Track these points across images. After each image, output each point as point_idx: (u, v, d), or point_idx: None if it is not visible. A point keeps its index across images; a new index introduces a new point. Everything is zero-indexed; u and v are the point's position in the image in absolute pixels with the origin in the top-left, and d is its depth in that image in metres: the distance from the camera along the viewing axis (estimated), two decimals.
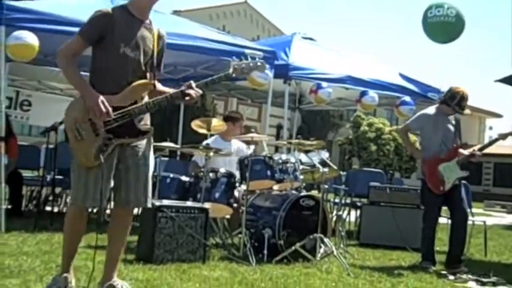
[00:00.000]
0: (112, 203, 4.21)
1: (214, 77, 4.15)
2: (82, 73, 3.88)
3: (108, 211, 8.23)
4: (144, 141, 4.01)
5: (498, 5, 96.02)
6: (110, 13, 3.86)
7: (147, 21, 4.03)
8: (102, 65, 3.88)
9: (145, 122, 4.01)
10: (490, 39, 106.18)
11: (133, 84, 3.88)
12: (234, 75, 4.21)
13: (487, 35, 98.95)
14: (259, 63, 4.24)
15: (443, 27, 7.51)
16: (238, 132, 7.53)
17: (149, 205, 4.08)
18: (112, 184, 4.02)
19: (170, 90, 4.05)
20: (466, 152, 6.56)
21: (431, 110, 6.70)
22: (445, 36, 7.67)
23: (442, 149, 6.53)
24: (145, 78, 3.98)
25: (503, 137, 6.72)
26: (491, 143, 6.94)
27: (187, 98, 3.98)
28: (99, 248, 4.21)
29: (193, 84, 3.97)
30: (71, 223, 3.97)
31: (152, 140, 4.12)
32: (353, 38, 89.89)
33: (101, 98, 3.73)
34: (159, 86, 4.09)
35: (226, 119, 7.57)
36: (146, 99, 3.96)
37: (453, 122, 6.69)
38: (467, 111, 6.63)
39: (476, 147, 6.69)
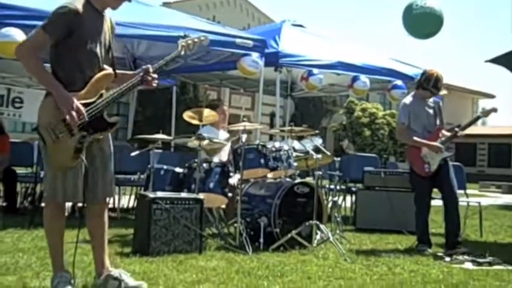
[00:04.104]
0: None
1: (167, 59, 4.18)
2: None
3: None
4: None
5: None
6: (77, 10, 3.80)
7: (104, 13, 4.06)
8: (70, 62, 3.84)
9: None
10: (482, 21, 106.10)
11: (96, 77, 3.90)
12: (182, 53, 4.24)
13: (477, 17, 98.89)
14: (202, 38, 4.33)
15: (429, 18, 7.39)
16: (223, 117, 7.54)
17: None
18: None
19: (129, 73, 4.12)
20: (447, 133, 6.62)
21: (408, 99, 6.75)
22: (430, 28, 7.55)
23: (424, 134, 6.59)
24: (104, 69, 4.02)
25: (485, 114, 6.79)
26: (473, 121, 6.97)
27: (146, 84, 4.03)
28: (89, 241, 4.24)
29: (151, 69, 4.00)
30: (53, 218, 3.96)
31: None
32: (345, 23, 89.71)
33: (74, 100, 3.71)
34: (119, 72, 4.12)
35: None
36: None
37: (432, 105, 6.74)
38: (443, 91, 6.68)
39: (458, 128, 6.72)
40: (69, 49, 3.83)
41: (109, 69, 4.05)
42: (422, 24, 7.25)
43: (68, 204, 7.89)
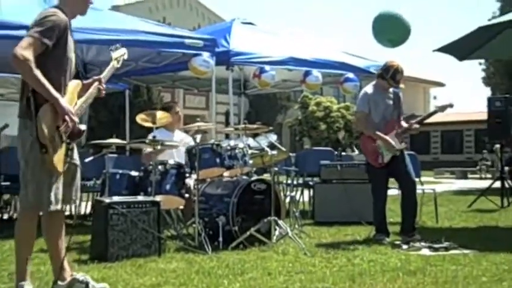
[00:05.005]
0: None
1: (107, 74, 4.34)
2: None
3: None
4: None
5: None
6: (67, 21, 3.97)
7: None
8: (55, 70, 3.92)
9: None
10: (430, 10, 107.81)
11: (73, 86, 4.04)
12: (118, 65, 4.51)
13: (427, 5, 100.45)
14: (124, 52, 4.61)
15: (403, 27, 7.37)
16: (177, 119, 7.52)
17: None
18: None
19: (89, 82, 4.24)
20: (405, 124, 6.71)
21: (369, 88, 6.80)
22: (400, 36, 7.50)
23: (381, 124, 6.67)
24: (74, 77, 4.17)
25: (441, 109, 6.89)
26: (429, 115, 7.12)
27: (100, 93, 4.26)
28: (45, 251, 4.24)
29: (103, 80, 4.22)
30: (30, 228, 3.98)
31: None
32: (297, 20, 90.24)
33: (71, 108, 3.88)
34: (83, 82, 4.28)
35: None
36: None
37: (391, 96, 6.81)
38: (401, 85, 6.78)
39: (415, 120, 6.84)
40: (55, 57, 3.92)
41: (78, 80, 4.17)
42: (396, 29, 7.25)
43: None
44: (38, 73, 3.74)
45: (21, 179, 3.94)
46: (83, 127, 4.06)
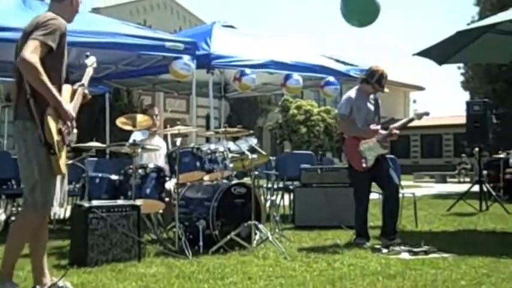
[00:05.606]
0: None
1: (86, 80, 4.39)
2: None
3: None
4: None
5: None
6: (66, 25, 4.06)
7: None
8: (55, 72, 3.99)
9: None
10: (410, 14, 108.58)
11: (65, 91, 4.11)
12: (92, 72, 4.54)
13: (406, 10, 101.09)
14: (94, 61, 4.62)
15: (374, 8, 7.32)
16: (155, 122, 7.50)
17: None
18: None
19: (74, 88, 4.29)
20: (384, 131, 6.73)
21: (352, 92, 6.80)
22: (369, 15, 7.45)
23: (364, 128, 6.66)
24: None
25: (418, 117, 6.92)
26: (407, 122, 7.14)
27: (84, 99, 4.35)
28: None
29: (86, 84, 4.31)
30: (32, 228, 4.05)
31: None
32: (276, 23, 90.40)
33: (72, 111, 4.01)
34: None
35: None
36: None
37: (373, 101, 6.85)
38: (386, 89, 6.81)
39: (393, 126, 6.86)
40: (54, 60, 3.99)
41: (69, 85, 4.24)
42: (366, 9, 7.19)
43: (1, 219, 7.72)
44: (44, 77, 3.81)
45: (26, 181, 4.01)
46: (75, 131, 4.15)
